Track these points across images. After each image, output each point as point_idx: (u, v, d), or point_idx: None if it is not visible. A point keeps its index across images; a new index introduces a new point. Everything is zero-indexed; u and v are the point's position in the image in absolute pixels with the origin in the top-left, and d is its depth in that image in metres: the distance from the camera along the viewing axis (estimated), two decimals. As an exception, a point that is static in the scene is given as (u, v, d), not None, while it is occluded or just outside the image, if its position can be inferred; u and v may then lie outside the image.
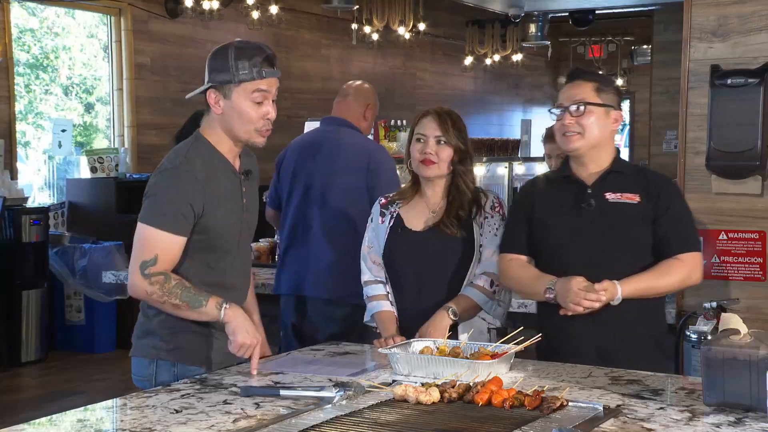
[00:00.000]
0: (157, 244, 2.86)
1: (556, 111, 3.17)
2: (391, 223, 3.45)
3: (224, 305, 2.88)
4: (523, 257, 3.23)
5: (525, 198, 3.32)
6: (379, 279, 3.48)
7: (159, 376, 2.97)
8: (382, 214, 3.49)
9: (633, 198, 3.11)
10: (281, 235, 4.60)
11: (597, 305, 3.01)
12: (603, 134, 3.13)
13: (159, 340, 2.99)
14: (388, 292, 3.45)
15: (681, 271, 3.09)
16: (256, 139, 2.99)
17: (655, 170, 3.39)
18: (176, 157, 2.96)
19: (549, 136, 5.35)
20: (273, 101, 2.99)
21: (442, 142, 3.34)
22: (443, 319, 3.23)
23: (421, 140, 3.36)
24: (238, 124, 2.94)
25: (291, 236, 4.48)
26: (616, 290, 3.02)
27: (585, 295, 3.00)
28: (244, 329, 2.89)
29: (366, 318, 3.54)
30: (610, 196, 3.12)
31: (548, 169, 5.32)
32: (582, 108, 3.09)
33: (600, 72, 3.22)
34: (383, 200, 3.53)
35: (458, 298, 3.30)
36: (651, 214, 3.09)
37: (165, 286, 2.85)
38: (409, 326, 3.30)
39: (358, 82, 4.74)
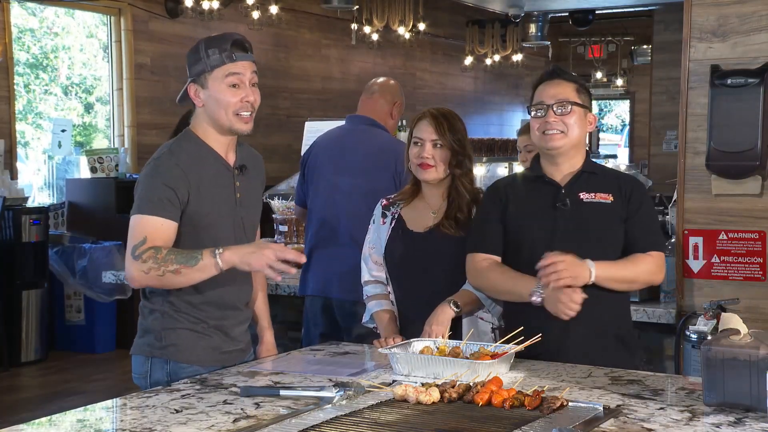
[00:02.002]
0: (145, 227, 2.85)
1: (537, 109, 3.16)
2: (393, 224, 3.45)
3: (217, 252, 2.82)
4: (496, 257, 3.21)
5: (497, 198, 3.27)
6: (379, 279, 3.48)
7: (153, 374, 2.99)
8: (384, 216, 3.49)
9: (606, 198, 3.14)
10: (306, 236, 4.53)
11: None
12: (582, 134, 3.17)
13: (153, 338, 3.01)
14: (388, 292, 3.45)
15: (649, 263, 3.12)
16: (239, 125, 2.98)
17: (625, 172, 3.44)
18: (161, 150, 3.00)
19: (524, 130, 5.37)
20: (254, 86, 3.00)
21: (439, 146, 3.34)
22: (445, 311, 3.23)
23: (419, 144, 3.37)
24: (218, 110, 2.96)
25: (317, 237, 4.41)
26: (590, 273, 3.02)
27: (574, 299, 2.98)
28: (252, 256, 2.83)
29: (365, 319, 3.53)
30: (584, 196, 3.14)
31: (519, 161, 5.36)
32: (568, 107, 3.11)
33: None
34: (385, 201, 3.54)
35: (459, 292, 3.30)
36: (623, 213, 3.13)
37: (158, 257, 2.81)
38: (411, 326, 3.30)
39: (383, 79, 4.64)
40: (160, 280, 2.84)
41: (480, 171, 9.16)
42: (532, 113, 3.18)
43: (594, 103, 3.63)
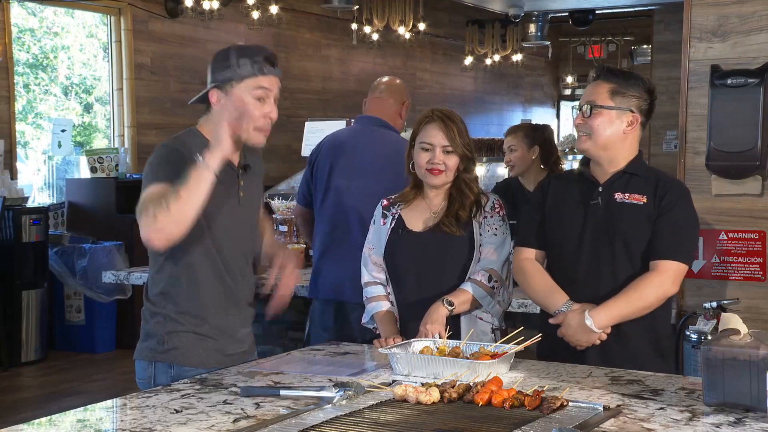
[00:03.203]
0: (149, 192, 2.81)
1: (576, 110, 3.19)
2: (393, 225, 3.45)
3: (198, 160, 2.77)
4: (536, 251, 3.25)
5: (539, 194, 3.32)
6: (378, 281, 3.47)
7: (157, 378, 2.98)
8: (384, 216, 3.49)
9: (640, 199, 3.10)
10: (316, 237, 4.44)
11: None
12: (613, 136, 3.11)
13: (155, 342, 3.00)
14: (388, 293, 3.45)
15: (655, 283, 3.04)
16: (256, 138, 2.99)
17: (673, 176, 3.36)
18: (165, 142, 3.00)
19: (508, 131, 5.35)
20: (275, 102, 3.00)
21: (449, 151, 3.33)
22: (438, 309, 3.22)
23: (428, 149, 3.35)
24: (239, 121, 2.94)
25: (329, 239, 4.33)
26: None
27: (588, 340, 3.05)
28: (219, 135, 2.80)
29: (365, 319, 3.53)
30: (618, 196, 3.12)
31: (504, 162, 5.36)
32: (590, 110, 3.10)
33: (630, 71, 3.14)
34: (385, 202, 3.53)
35: (455, 291, 3.29)
36: (654, 214, 3.08)
37: (155, 198, 2.75)
38: (411, 326, 3.29)
39: (389, 78, 4.58)
40: (169, 217, 2.73)
41: (480, 171, 9.16)
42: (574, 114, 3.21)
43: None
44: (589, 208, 3.15)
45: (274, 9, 9.84)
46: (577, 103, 3.28)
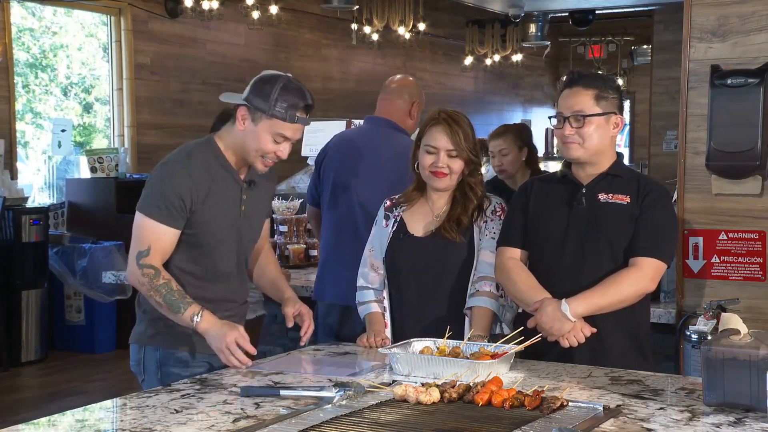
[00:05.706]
0: (150, 234, 3.01)
1: (557, 119, 3.18)
2: (395, 228, 3.43)
3: (195, 318, 2.94)
4: (520, 251, 3.25)
5: (522, 194, 3.33)
6: (371, 286, 3.45)
7: (146, 361, 3.11)
8: (387, 218, 3.47)
9: (623, 199, 3.14)
10: (322, 240, 4.38)
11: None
12: (603, 141, 3.16)
13: (145, 326, 3.13)
14: (379, 299, 3.43)
15: (633, 278, 3.07)
16: (258, 165, 3.09)
17: (653, 178, 3.41)
18: (179, 153, 3.10)
19: (496, 134, 5.26)
20: (291, 145, 3.10)
21: (454, 155, 3.32)
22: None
23: (432, 153, 3.33)
24: (250, 146, 3.05)
25: (335, 243, 4.25)
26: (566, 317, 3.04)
27: (582, 333, 3.04)
28: (215, 338, 2.94)
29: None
30: (602, 197, 3.16)
31: (491, 167, 5.31)
32: (582, 120, 3.11)
33: (599, 73, 3.19)
34: (388, 203, 3.51)
35: (476, 318, 3.26)
36: (637, 213, 3.12)
37: (153, 282, 2.96)
38: (410, 329, 3.28)
39: (400, 77, 4.51)
40: (145, 293, 3.03)
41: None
42: (553, 123, 3.21)
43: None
44: (573, 209, 3.18)
45: (274, 9, 9.84)
46: (553, 112, 3.29)
